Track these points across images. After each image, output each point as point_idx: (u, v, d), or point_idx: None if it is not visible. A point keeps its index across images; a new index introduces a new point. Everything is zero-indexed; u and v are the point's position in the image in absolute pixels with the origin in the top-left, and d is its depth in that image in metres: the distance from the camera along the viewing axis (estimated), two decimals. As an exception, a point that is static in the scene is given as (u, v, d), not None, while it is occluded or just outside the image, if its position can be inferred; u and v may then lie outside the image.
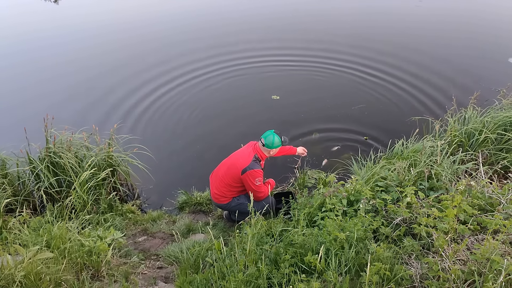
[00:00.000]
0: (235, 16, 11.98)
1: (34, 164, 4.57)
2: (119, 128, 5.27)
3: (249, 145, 4.32)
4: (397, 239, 2.94)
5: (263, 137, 4.14)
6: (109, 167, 4.87)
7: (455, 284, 2.29)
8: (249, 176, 4.02)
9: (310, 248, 2.78)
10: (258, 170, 4.06)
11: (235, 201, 4.29)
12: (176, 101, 7.46)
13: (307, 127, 6.60)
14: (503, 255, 2.43)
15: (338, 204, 3.22)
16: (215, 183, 4.30)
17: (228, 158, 4.32)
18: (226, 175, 4.17)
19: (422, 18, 11.52)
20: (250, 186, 4.07)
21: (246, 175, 4.02)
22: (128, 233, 4.39)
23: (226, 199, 4.28)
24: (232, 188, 4.21)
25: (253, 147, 4.21)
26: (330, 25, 11.23)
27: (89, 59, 9.10)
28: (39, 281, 2.66)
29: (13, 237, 3.36)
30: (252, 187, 4.07)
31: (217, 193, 4.27)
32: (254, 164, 4.04)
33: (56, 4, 13.94)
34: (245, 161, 4.05)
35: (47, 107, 6.99)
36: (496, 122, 4.71)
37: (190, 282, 2.88)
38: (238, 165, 4.07)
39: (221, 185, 4.22)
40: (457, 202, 2.72)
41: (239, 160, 4.10)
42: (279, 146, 4.17)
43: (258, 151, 4.18)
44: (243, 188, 4.24)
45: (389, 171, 3.98)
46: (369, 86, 7.87)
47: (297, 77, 8.30)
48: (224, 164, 4.30)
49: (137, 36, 10.53)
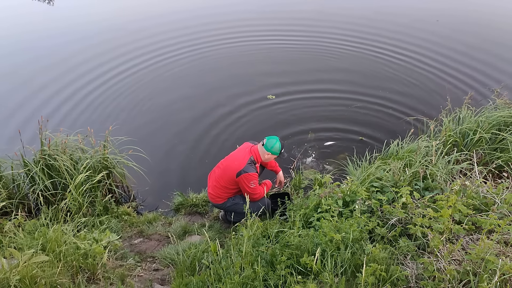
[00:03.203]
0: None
1: (29, 166, 4.54)
2: (114, 130, 5.25)
3: (244, 146, 4.33)
4: (393, 239, 2.95)
5: (267, 138, 4.16)
6: (105, 169, 4.85)
7: (450, 284, 2.30)
8: (244, 179, 4.04)
9: (306, 250, 2.79)
10: (253, 174, 4.07)
11: (230, 201, 4.31)
12: (172, 103, 7.45)
13: (305, 126, 6.62)
14: (498, 255, 2.44)
15: (333, 205, 3.23)
16: (212, 184, 4.32)
17: (224, 160, 4.33)
18: (221, 177, 4.19)
19: (415, 18, 11.55)
20: (245, 188, 4.10)
21: (241, 178, 4.04)
22: (124, 235, 4.38)
23: (221, 199, 4.30)
24: (227, 190, 4.23)
25: (250, 149, 4.21)
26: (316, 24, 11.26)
27: (85, 61, 9.04)
28: (35, 284, 2.64)
29: (8, 241, 3.33)
30: (247, 190, 4.09)
31: (212, 194, 4.31)
32: (249, 167, 4.05)
33: (51, 5, 13.85)
34: (240, 163, 4.06)
35: (42, 110, 6.98)
36: (490, 122, 4.73)
37: (186, 284, 2.88)
38: (233, 167, 4.08)
39: (217, 186, 4.25)
40: (452, 202, 2.73)
41: (234, 162, 4.11)
42: (276, 154, 4.18)
43: (255, 153, 4.18)
44: (238, 190, 4.26)
45: (384, 171, 4.00)
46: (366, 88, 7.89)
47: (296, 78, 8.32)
48: (220, 165, 4.32)
49: (134, 35, 10.48)
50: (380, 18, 11.36)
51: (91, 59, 9.11)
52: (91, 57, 9.20)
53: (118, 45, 10.00)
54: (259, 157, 4.21)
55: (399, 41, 9.84)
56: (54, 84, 7.94)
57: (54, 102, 7.32)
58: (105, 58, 9.18)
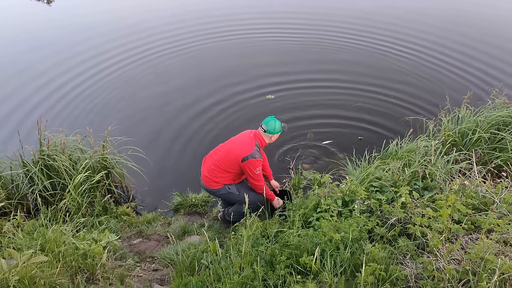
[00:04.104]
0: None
1: (27, 167, 4.53)
2: (113, 130, 5.24)
3: (246, 133, 4.26)
4: (392, 239, 2.95)
5: (264, 123, 4.11)
6: (104, 169, 4.85)
7: (449, 284, 2.30)
8: (250, 165, 4.00)
9: (306, 249, 2.79)
10: (260, 160, 4.06)
11: (225, 189, 4.25)
12: (170, 102, 7.44)
13: (304, 127, 6.63)
14: (497, 254, 2.45)
15: (333, 204, 3.23)
16: (209, 167, 4.22)
17: (226, 143, 4.25)
18: (223, 161, 4.12)
19: (414, 16, 11.56)
20: (250, 174, 4.07)
21: (247, 163, 4.00)
22: (123, 236, 4.37)
23: (217, 184, 4.22)
24: (226, 174, 4.17)
25: (254, 135, 4.16)
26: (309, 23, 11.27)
27: (82, 61, 9.03)
28: (34, 285, 2.64)
29: (7, 241, 3.33)
30: (252, 175, 4.07)
31: (208, 177, 4.21)
32: (256, 153, 4.03)
33: (49, 5, 13.83)
34: (247, 149, 4.01)
35: (40, 110, 6.97)
36: (489, 121, 4.74)
37: (186, 285, 2.88)
38: (238, 152, 4.03)
39: (215, 169, 4.16)
40: (451, 202, 2.73)
41: (240, 147, 4.06)
42: (280, 132, 4.17)
43: (259, 138, 4.14)
44: (237, 174, 4.21)
45: (383, 171, 4.00)
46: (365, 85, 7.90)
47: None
48: (221, 148, 4.24)
49: (133, 35, 10.48)
50: (380, 18, 11.39)
51: (89, 58, 9.11)
52: (90, 56, 9.21)
53: (115, 40, 10.14)
54: (264, 141, 4.17)
55: (399, 40, 9.87)
56: (54, 84, 7.94)
57: (54, 102, 7.33)
58: (105, 57, 9.20)
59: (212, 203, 5.21)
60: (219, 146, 4.30)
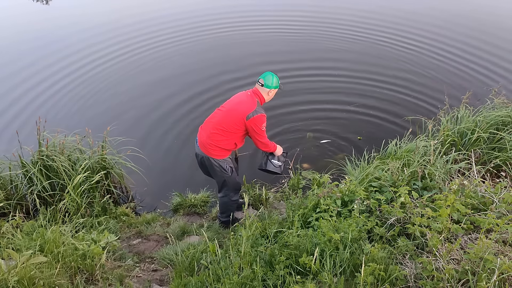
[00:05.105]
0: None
1: (26, 167, 4.52)
2: (112, 130, 5.23)
3: (242, 93, 4.04)
4: (392, 239, 2.95)
5: (261, 77, 3.91)
6: (103, 169, 4.84)
7: (449, 284, 2.30)
8: (256, 121, 3.81)
9: (305, 249, 2.79)
10: (265, 115, 3.89)
11: (224, 165, 4.04)
12: (170, 102, 7.44)
13: (303, 127, 6.64)
14: (496, 254, 2.45)
15: (332, 204, 3.23)
16: (208, 132, 3.93)
17: (223, 105, 4.00)
18: (225, 122, 3.86)
19: (410, 17, 11.57)
20: (256, 131, 3.87)
21: (253, 120, 3.80)
22: (122, 236, 4.37)
23: (217, 152, 3.95)
24: (229, 136, 3.90)
25: (252, 92, 3.96)
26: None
27: (82, 60, 9.02)
28: (33, 285, 2.64)
29: (6, 242, 3.32)
30: (258, 132, 3.89)
31: (208, 142, 3.91)
32: (260, 109, 3.86)
33: (48, 5, 13.82)
34: (250, 106, 3.81)
35: (39, 110, 6.96)
36: (488, 121, 4.75)
37: (185, 285, 2.88)
38: (241, 110, 3.81)
39: (216, 133, 3.88)
40: (451, 202, 2.73)
41: (242, 106, 3.84)
42: (277, 87, 3.99)
43: (257, 94, 3.94)
44: (241, 137, 4.00)
45: (382, 171, 4.00)
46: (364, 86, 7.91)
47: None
48: (219, 111, 3.99)
49: (131, 36, 10.48)
50: (380, 17, 11.39)
51: (88, 57, 9.12)
52: (88, 56, 9.21)
53: (113, 39, 10.07)
54: (262, 98, 3.98)
55: (399, 40, 9.87)
56: (53, 84, 7.93)
57: (53, 102, 7.32)
58: (102, 56, 9.19)
59: (211, 203, 5.20)
60: (216, 110, 4.04)
